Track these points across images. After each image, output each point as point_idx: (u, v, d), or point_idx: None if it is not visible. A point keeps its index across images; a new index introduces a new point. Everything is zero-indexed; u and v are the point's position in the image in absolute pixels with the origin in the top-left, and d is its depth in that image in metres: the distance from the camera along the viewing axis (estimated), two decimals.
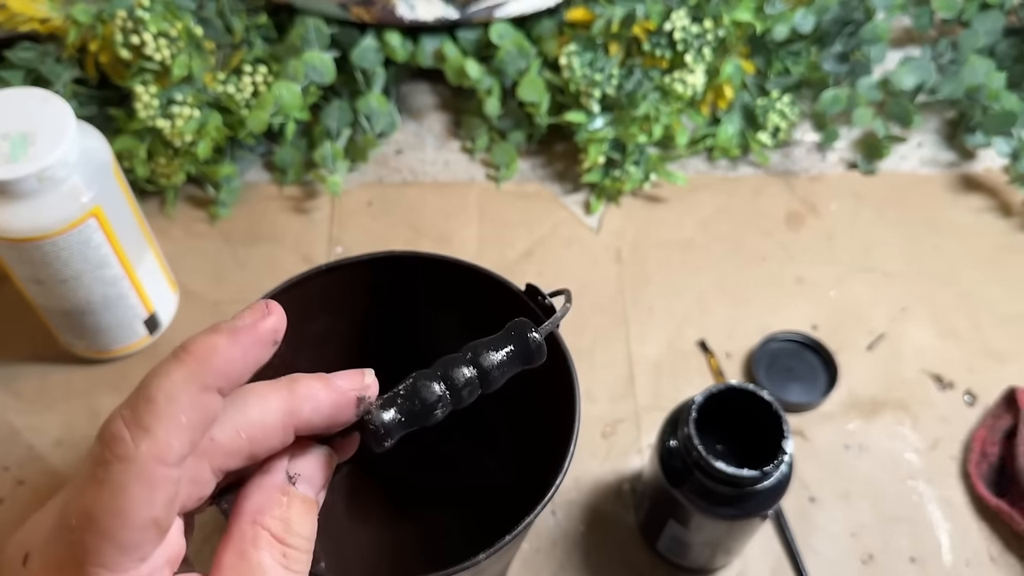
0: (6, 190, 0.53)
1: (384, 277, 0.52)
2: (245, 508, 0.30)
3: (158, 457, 0.27)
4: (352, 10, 0.73)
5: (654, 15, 0.73)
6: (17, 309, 0.68)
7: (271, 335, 0.30)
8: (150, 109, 0.68)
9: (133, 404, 0.28)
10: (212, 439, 0.30)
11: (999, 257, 0.74)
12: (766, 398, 0.52)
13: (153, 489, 0.27)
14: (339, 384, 0.32)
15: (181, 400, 0.27)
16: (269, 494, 0.31)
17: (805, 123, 0.81)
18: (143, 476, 0.27)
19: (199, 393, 0.28)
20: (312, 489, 0.32)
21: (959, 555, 0.61)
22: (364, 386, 0.32)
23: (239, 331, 0.29)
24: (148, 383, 0.28)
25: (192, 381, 0.28)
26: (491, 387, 0.34)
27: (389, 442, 0.32)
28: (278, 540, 0.30)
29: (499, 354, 0.34)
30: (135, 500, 0.27)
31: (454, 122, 0.81)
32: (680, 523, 0.54)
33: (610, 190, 0.76)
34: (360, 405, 0.32)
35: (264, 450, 0.31)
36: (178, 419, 0.27)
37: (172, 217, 0.74)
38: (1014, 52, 0.80)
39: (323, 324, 0.52)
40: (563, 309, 0.38)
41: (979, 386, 0.68)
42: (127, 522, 0.27)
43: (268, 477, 0.31)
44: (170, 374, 0.28)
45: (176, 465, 0.27)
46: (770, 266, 0.73)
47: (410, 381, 0.33)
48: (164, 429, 0.27)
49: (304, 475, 0.31)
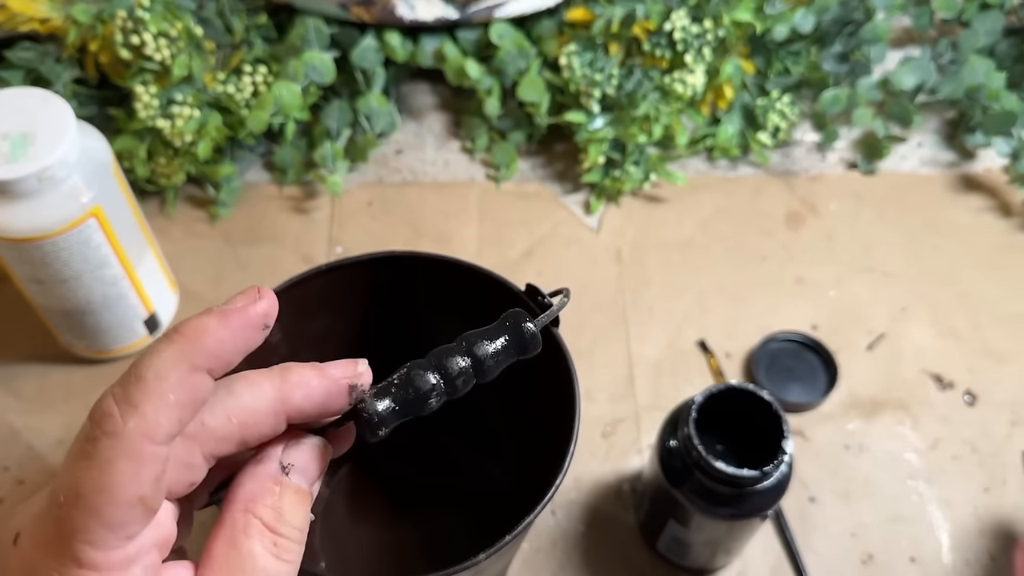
0: (6, 190, 0.53)
1: (384, 277, 0.52)
2: (237, 496, 0.30)
3: (146, 434, 0.27)
4: (352, 10, 0.73)
5: (654, 15, 0.73)
6: (17, 309, 0.68)
7: (261, 318, 0.30)
8: (150, 109, 0.68)
9: (124, 382, 0.28)
10: (203, 423, 0.30)
11: (999, 257, 0.74)
12: (766, 398, 0.52)
13: (140, 466, 0.27)
14: (331, 372, 0.32)
15: (170, 379, 0.28)
16: (262, 483, 0.31)
17: (805, 123, 0.81)
18: (130, 452, 0.27)
19: (188, 373, 0.28)
20: (306, 480, 0.32)
21: (959, 555, 0.61)
22: (356, 374, 0.32)
23: (230, 313, 0.29)
24: (139, 362, 0.28)
25: (182, 360, 0.28)
26: (486, 377, 0.34)
27: (383, 431, 0.32)
28: (269, 529, 0.30)
29: (494, 344, 0.34)
30: (122, 476, 0.27)
31: (454, 122, 0.81)
32: (680, 523, 0.54)
33: (610, 190, 0.76)
34: (352, 393, 0.32)
35: (255, 436, 0.31)
36: (166, 397, 0.27)
37: (172, 217, 0.74)
38: (1014, 52, 0.80)
39: (323, 324, 0.52)
40: (560, 303, 0.38)
41: (979, 386, 0.68)
42: (113, 498, 0.27)
43: (261, 466, 0.31)
44: (160, 353, 0.28)
45: (163, 443, 0.28)
46: (770, 266, 0.73)
47: (404, 370, 0.33)
48: (152, 406, 0.27)
49: (298, 465, 0.31)
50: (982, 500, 0.63)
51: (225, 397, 0.30)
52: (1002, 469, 0.64)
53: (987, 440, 0.65)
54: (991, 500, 0.63)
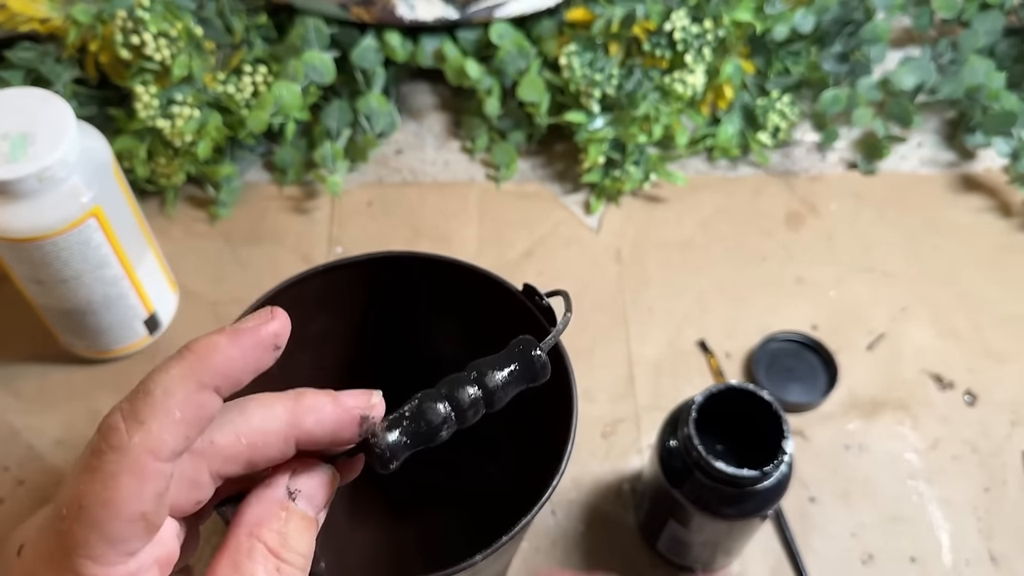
0: (6, 190, 0.53)
1: (383, 277, 0.51)
2: (243, 519, 0.30)
3: (150, 450, 0.27)
4: (352, 10, 0.73)
5: (654, 15, 0.73)
6: (17, 309, 0.68)
7: (272, 339, 0.30)
8: (150, 109, 0.68)
9: (132, 397, 0.28)
10: (212, 441, 0.30)
11: (999, 257, 0.74)
12: (766, 398, 0.52)
13: (143, 482, 0.27)
14: (345, 401, 0.31)
15: (177, 395, 0.28)
16: (268, 507, 0.31)
17: (805, 123, 0.81)
18: (135, 468, 0.27)
19: (196, 390, 0.28)
20: (312, 507, 0.32)
21: (959, 555, 0.61)
22: (370, 406, 0.32)
23: (240, 332, 0.29)
24: (148, 378, 0.28)
25: (190, 377, 0.28)
26: (495, 406, 0.34)
27: (394, 464, 0.32)
28: (273, 554, 0.30)
29: (503, 372, 0.34)
30: (125, 491, 0.27)
31: (454, 122, 0.81)
32: (680, 523, 0.54)
33: (610, 190, 0.76)
34: (363, 425, 0.31)
35: (264, 459, 0.31)
36: (172, 414, 0.27)
37: (172, 217, 0.74)
38: (1014, 52, 0.80)
39: (322, 324, 0.52)
40: (564, 320, 0.37)
41: (979, 386, 0.68)
42: (116, 513, 0.27)
43: (269, 490, 0.31)
44: (169, 369, 0.28)
45: (168, 460, 0.28)
46: (770, 266, 0.73)
47: (415, 402, 0.33)
48: (158, 422, 0.27)
49: (305, 492, 0.31)
50: (982, 500, 0.63)
51: (236, 416, 0.30)
52: (1002, 469, 0.64)
53: (987, 440, 0.65)
54: (991, 500, 0.63)
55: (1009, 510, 0.62)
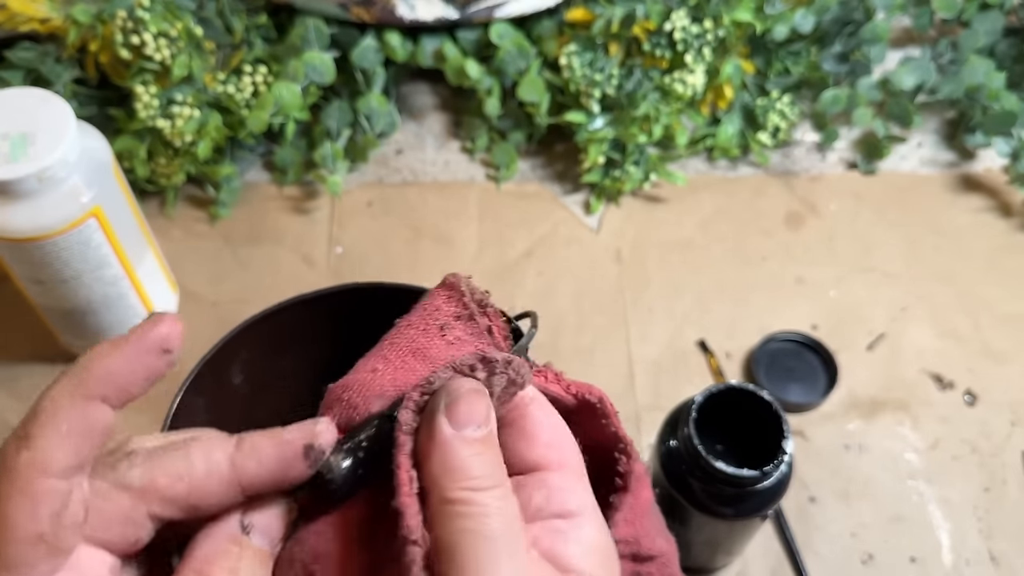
0: (6, 190, 0.53)
1: (351, 308, 0.50)
2: (192, 555, 0.29)
3: (39, 467, 0.26)
4: (352, 10, 0.73)
5: (654, 15, 0.73)
6: (17, 309, 0.67)
7: (158, 343, 0.29)
8: (150, 109, 0.68)
9: (24, 417, 0.27)
10: (151, 479, 0.28)
11: (999, 257, 0.74)
12: (766, 398, 0.52)
13: (36, 501, 0.26)
14: (284, 436, 0.29)
15: (63, 409, 0.27)
16: (218, 544, 0.29)
17: (805, 123, 0.81)
18: (25, 487, 0.26)
19: (83, 402, 0.27)
20: (268, 541, 0.30)
21: (959, 555, 0.61)
22: (314, 434, 0.29)
23: (124, 340, 0.28)
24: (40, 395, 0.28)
25: (76, 390, 0.27)
26: None
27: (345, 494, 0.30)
28: None
29: None
30: (17, 512, 0.26)
31: (454, 122, 0.81)
32: (680, 523, 0.54)
33: (610, 190, 0.76)
34: (310, 455, 0.29)
35: (206, 504, 0.29)
36: (59, 428, 0.27)
37: (172, 217, 0.74)
38: (1014, 52, 0.80)
39: (294, 358, 0.50)
40: (528, 334, 0.36)
41: (979, 386, 0.68)
42: (11, 536, 0.26)
43: (219, 526, 0.29)
44: (56, 385, 0.28)
45: (61, 476, 0.27)
46: (770, 266, 0.73)
47: (373, 428, 0.30)
48: (44, 438, 0.27)
49: (259, 526, 0.29)
50: (982, 500, 0.63)
51: (176, 457, 0.29)
52: (1002, 469, 0.64)
53: (987, 440, 0.65)
54: (991, 500, 0.63)
55: (1009, 510, 0.62)
